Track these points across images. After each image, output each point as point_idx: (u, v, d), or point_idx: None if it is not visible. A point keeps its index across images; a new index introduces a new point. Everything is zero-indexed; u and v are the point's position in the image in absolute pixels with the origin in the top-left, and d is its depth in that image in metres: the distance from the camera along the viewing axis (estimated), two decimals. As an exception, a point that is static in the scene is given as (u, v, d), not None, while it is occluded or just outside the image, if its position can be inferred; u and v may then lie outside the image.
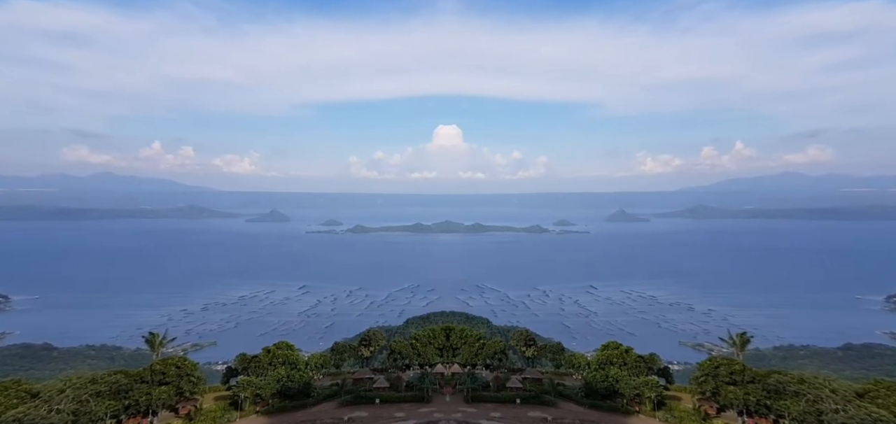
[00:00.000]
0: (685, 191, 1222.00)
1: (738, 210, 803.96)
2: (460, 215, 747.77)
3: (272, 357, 68.53)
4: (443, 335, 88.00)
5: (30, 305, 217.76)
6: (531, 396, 64.03)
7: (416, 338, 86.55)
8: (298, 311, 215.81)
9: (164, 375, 58.61)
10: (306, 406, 62.71)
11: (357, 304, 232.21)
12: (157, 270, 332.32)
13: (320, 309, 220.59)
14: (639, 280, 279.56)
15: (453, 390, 68.81)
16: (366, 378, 72.79)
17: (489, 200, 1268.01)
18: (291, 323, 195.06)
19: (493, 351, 78.37)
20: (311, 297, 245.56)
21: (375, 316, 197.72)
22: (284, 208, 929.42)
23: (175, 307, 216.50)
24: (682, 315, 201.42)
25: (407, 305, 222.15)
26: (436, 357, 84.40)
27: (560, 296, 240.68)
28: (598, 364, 66.24)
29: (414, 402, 63.95)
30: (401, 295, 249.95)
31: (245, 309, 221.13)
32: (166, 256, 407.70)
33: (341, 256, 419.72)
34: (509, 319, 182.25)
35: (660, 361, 68.13)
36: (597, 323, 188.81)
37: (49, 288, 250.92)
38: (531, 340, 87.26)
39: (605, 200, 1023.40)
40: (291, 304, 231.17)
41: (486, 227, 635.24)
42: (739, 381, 55.95)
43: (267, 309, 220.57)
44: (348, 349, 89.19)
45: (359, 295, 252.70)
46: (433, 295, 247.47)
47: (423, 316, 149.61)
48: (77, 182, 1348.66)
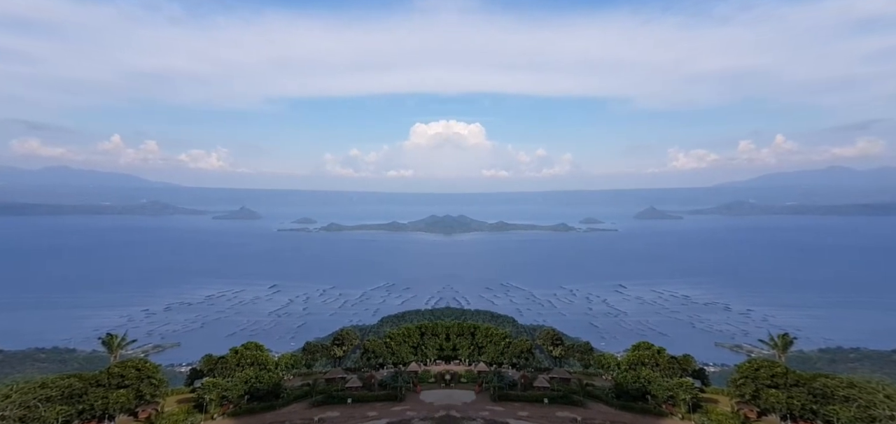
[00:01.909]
0: (721, 187, 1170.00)
1: (779, 206, 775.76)
2: (483, 213, 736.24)
3: (240, 358, 66.45)
4: (417, 333, 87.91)
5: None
6: (559, 396, 62.42)
7: (391, 337, 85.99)
8: (269, 311, 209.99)
9: (123, 378, 55.68)
10: (276, 408, 61.08)
11: (330, 303, 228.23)
12: (116, 269, 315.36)
13: (292, 309, 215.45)
14: (671, 279, 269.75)
15: (480, 388, 67.89)
16: (338, 377, 71.59)
17: (513, 198, 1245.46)
18: (261, 322, 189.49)
19: (520, 349, 78.17)
20: (282, 296, 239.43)
21: (349, 316, 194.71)
22: (255, 205, 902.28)
23: (136, 307, 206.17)
24: (719, 315, 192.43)
25: (382, 304, 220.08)
26: (410, 356, 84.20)
27: (587, 295, 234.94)
28: (628, 364, 64.21)
29: (387, 401, 63.39)
30: (376, 294, 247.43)
31: (212, 308, 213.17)
32: (127, 254, 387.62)
33: (314, 255, 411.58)
34: (535, 318, 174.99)
35: (694, 362, 65.96)
36: (626, 323, 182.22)
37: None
38: (558, 339, 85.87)
39: (634, 197, 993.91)
40: (261, 304, 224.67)
41: (510, 225, 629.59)
42: (782, 384, 53.04)
43: (235, 309, 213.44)
44: (320, 348, 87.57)
45: (332, 294, 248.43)
46: (409, 293, 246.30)
47: (399, 314, 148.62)
48: (26, 176, 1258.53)
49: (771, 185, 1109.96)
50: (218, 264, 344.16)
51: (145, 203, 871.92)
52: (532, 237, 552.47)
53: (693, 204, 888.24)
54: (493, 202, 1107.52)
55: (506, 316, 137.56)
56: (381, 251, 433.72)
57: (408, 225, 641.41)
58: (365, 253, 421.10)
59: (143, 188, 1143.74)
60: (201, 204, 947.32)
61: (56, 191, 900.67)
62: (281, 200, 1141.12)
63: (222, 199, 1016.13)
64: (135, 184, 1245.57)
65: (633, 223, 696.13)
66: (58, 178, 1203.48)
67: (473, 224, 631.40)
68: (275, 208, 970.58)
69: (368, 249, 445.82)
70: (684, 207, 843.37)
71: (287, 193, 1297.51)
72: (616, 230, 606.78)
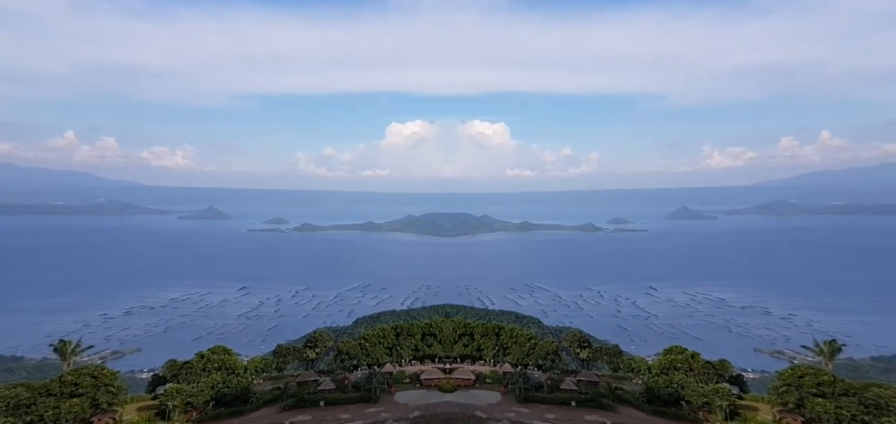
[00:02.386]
0: (760, 186, 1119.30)
1: (824, 205, 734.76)
2: (507, 213, 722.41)
3: (206, 363, 64.05)
4: (393, 334, 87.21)
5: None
6: (587, 399, 61.28)
7: (365, 338, 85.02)
8: (238, 313, 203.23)
9: (77, 386, 52.53)
10: (244, 413, 59.14)
11: (303, 305, 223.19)
12: (70, 272, 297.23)
13: (262, 311, 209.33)
14: (705, 281, 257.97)
15: (505, 389, 67.10)
16: (310, 380, 70.09)
17: (538, 198, 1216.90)
18: (230, 326, 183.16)
19: (546, 351, 77.36)
20: (252, 298, 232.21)
21: (323, 317, 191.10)
22: (223, 205, 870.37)
23: (92, 312, 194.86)
24: (758, 319, 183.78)
25: (357, 305, 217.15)
26: (385, 357, 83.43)
27: (616, 297, 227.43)
28: (660, 368, 62.37)
29: (361, 403, 62.57)
30: (350, 295, 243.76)
31: (176, 312, 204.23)
32: (83, 256, 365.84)
33: (286, 255, 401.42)
34: (561, 320, 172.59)
35: (732, 368, 63.74)
36: (657, 326, 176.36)
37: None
38: (585, 342, 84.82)
39: (665, 197, 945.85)
40: (230, 306, 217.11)
41: (535, 225, 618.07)
42: (830, 394, 50.20)
43: (202, 312, 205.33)
44: (292, 351, 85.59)
45: (305, 295, 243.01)
46: (385, 294, 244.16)
47: (374, 315, 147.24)
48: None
49: (815, 184, 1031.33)
50: (184, 266, 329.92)
51: (103, 202, 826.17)
52: (557, 237, 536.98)
53: (729, 203, 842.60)
54: (517, 202, 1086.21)
55: (531, 317, 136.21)
56: (356, 251, 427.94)
57: (384, 225, 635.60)
58: (339, 253, 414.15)
59: (101, 187, 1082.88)
60: (166, 203, 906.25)
61: (1, 189, 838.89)
62: (251, 200, 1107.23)
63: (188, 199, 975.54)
64: (91, 182, 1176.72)
65: (664, 223, 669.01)
66: (3, 176, 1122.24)
67: (497, 224, 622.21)
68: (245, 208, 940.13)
69: (343, 250, 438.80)
70: (719, 207, 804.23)
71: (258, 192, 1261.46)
72: (646, 230, 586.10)
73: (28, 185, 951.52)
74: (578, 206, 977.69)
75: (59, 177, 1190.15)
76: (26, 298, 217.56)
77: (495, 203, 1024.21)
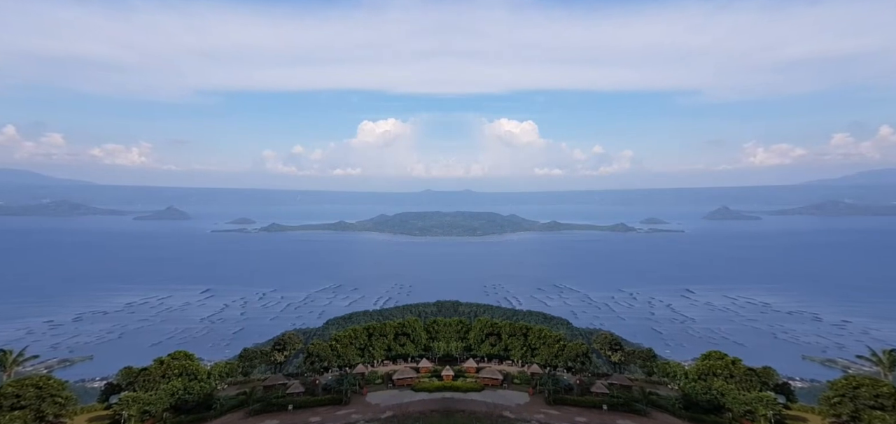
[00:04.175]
0: (809, 185, 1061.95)
1: (884, 205, 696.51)
2: (535, 212, 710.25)
3: (166, 369, 60.98)
4: (365, 334, 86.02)
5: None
6: (619, 403, 59.80)
7: (337, 339, 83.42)
8: (201, 317, 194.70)
9: (19, 398, 48.74)
10: (207, 419, 56.79)
11: (271, 307, 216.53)
12: (11, 276, 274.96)
13: (227, 314, 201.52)
14: (747, 284, 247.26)
15: (534, 390, 66.13)
16: (278, 384, 68.12)
17: (567, 197, 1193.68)
18: (192, 330, 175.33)
19: (575, 353, 75.66)
20: (216, 301, 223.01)
21: (292, 319, 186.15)
22: (184, 205, 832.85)
23: (37, 319, 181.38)
24: (806, 325, 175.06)
25: (328, 306, 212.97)
26: (357, 358, 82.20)
27: (649, 300, 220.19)
28: (697, 374, 59.58)
29: (331, 405, 61.43)
30: (321, 296, 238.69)
31: (133, 317, 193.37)
32: (26, 260, 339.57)
33: (253, 257, 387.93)
34: (591, 322, 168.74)
35: (777, 376, 61.13)
36: (694, 330, 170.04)
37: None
38: (617, 344, 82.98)
39: (704, 196, 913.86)
40: (192, 310, 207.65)
41: (564, 225, 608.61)
42: (889, 406, 47.33)
43: (161, 317, 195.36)
44: (259, 354, 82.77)
45: (273, 297, 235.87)
46: (357, 294, 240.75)
47: (346, 315, 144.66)
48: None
49: (874, 183, 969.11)
50: (141, 268, 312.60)
51: (49, 202, 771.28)
52: (587, 237, 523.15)
53: (774, 203, 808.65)
54: (545, 201, 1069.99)
55: (559, 318, 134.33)
56: (327, 252, 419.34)
57: (356, 224, 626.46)
58: (309, 254, 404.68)
59: (47, 186, 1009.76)
60: (121, 203, 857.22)
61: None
62: (215, 199, 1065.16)
63: (146, 198, 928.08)
64: (35, 181, 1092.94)
65: (703, 224, 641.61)
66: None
67: (525, 223, 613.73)
68: (208, 208, 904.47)
69: (313, 250, 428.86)
70: (763, 207, 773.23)
71: (222, 192, 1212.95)
72: (682, 231, 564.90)
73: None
74: (610, 206, 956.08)
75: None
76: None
77: (523, 202, 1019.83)
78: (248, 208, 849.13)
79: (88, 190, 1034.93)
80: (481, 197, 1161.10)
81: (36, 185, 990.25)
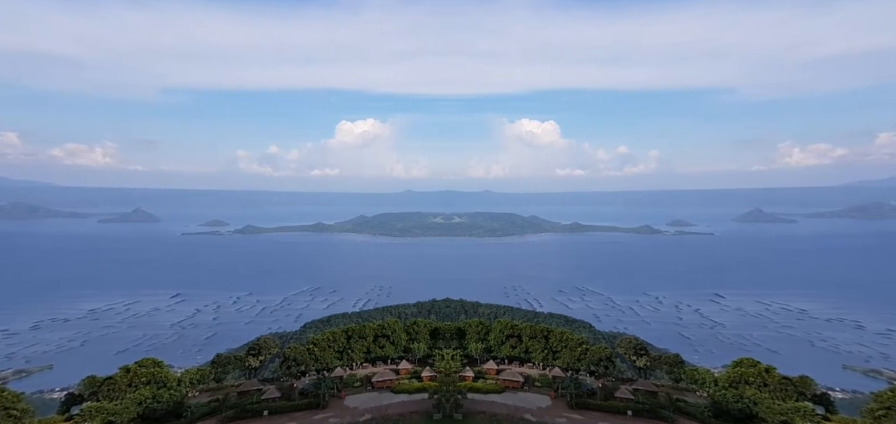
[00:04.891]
0: (850, 187, 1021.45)
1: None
2: (556, 214, 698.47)
3: (133, 377, 58.47)
4: (343, 337, 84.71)
5: None
6: (645, 409, 57.65)
7: (314, 343, 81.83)
8: (171, 323, 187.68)
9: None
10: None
11: (245, 311, 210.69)
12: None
13: (199, 319, 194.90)
14: (782, 289, 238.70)
15: (555, 394, 64.58)
16: (253, 389, 66.27)
17: (590, 198, 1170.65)
18: (161, 336, 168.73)
19: (598, 357, 74.19)
20: (187, 306, 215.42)
21: (268, 323, 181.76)
22: (153, 207, 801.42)
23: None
24: (848, 334, 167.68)
25: (305, 309, 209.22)
26: (335, 361, 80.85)
27: (676, 304, 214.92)
28: (728, 381, 57.55)
29: (308, 409, 60.19)
30: (298, 299, 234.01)
31: (96, 324, 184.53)
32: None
33: (227, 260, 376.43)
34: (615, 325, 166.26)
35: (815, 385, 58.82)
36: (725, 336, 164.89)
37: None
38: (642, 349, 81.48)
39: (735, 198, 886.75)
40: (161, 315, 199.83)
41: (586, 227, 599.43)
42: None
43: (128, 323, 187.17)
44: (233, 360, 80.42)
45: (248, 301, 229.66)
46: (336, 296, 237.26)
47: (324, 318, 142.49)
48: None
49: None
50: (105, 273, 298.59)
51: (4, 204, 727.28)
52: (611, 239, 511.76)
53: (811, 205, 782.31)
54: (567, 202, 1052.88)
55: (582, 321, 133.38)
56: (304, 253, 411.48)
57: (334, 225, 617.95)
58: (286, 256, 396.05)
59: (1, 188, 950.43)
60: (83, 205, 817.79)
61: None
62: (185, 201, 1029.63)
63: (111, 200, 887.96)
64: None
65: (734, 226, 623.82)
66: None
67: (546, 224, 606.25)
68: (178, 209, 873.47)
69: (290, 252, 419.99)
70: (799, 209, 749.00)
71: (193, 193, 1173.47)
72: (712, 233, 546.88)
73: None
74: (635, 207, 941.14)
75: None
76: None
77: (544, 203, 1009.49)
78: (221, 210, 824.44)
79: (47, 191, 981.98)
80: (501, 197, 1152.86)
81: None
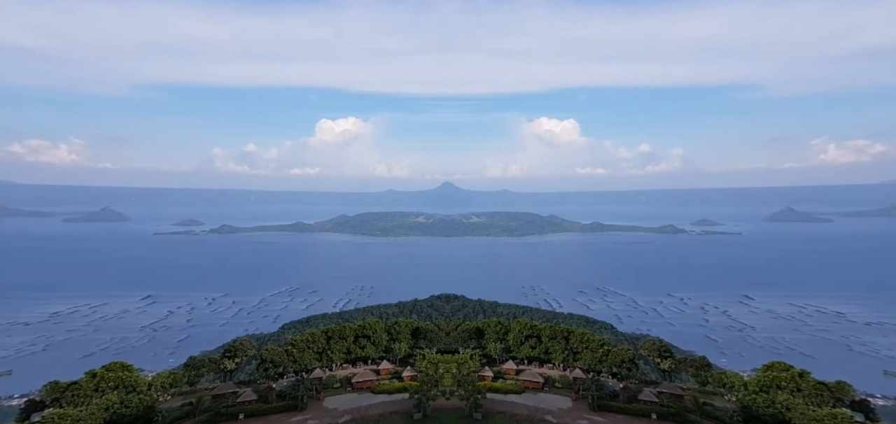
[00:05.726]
0: (891, 185, 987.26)
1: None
2: (576, 213, 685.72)
3: (99, 382, 56.02)
4: (323, 338, 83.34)
5: None
6: (670, 412, 56.14)
7: (293, 344, 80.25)
8: (141, 325, 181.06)
9: (-85, 422, 42.61)
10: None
11: (221, 313, 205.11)
12: None
13: (172, 321, 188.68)
14: (816, 291, 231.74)
15: (576, 395, 63.41)
16: (228, 392, 64.40)
17: (611, 198, 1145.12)
18: (131, 339, 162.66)
19: (621, 358, 73.14)
20: (159, 308, 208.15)
21: (244, 325, 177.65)
22: (123, 205, 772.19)
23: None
24: (889, 338, 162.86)
25: (283, 310, 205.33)
26: (314, 362, 79.46)
27: (702, 305, 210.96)
28: (759, 386, 56.21)
29: (286, 412, 58.95)
30: (276, 300, 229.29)
31: (60, 327, 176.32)
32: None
33: (202, 260, 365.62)
34: (638, 327, 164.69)
35: (853, 391, 56.73)
36: (754, 339, 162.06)
37: None
38: (667, 351, 79.83)
39: (764, 196, 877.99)
40: (131, 318, 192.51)
41: (607, 226, 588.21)
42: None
43: (95, 326, 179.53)
44: (207, 363, 78.00)
45: (224, 302, 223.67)
46: (315, 297, 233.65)
47: (303, 319, 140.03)
48: None
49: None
50: (70, 275, 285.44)
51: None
52: (633, 239, 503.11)
53: (848, 204, 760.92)
54: (588, 201, 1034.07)
55: (603, 322, 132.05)
56: (283, 254, 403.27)
57: (315, 225, 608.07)
58: (264, 256, 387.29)
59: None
60: (47, 204, 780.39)
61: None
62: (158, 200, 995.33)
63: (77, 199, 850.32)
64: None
65: (764, 226, 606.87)
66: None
67: (565, 224, 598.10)
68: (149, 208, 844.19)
69: (269, 252, 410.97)
70: (835, 208, 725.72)
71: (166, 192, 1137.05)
72: (740, 233, 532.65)
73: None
74: (657, 206, 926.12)
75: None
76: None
77: (563, 202, 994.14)
78: (196, 209, 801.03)
79: (7, 189, 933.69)
80: (519, 197, 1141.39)
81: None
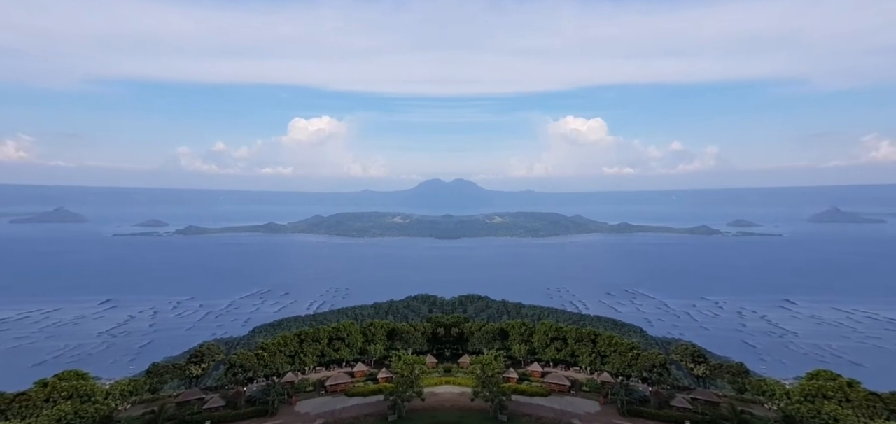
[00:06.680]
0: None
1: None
2: (603, 213, 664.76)
3: (51, 391, 52.73)
4: (296, 340, 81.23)
5: None
6: (705, 420, 54.22)
7: (264, 348, 77.98)
8: (99, 331, 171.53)
9: None
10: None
11: (186, 317, 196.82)
12: None
13: (133, 327, 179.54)
14: (867, 296, 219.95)
15: (604, 399, 61.80)
16: (194, 399, 61.85)
17: (640, 197, 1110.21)
18: (87, 346, 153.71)
19: (651, 363, 71.45)
20: (119, 313, 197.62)
21: (212, 329, 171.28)
22: (79, 206, 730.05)
23: None
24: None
25: (254, 313, 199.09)
26: (286, 366, 77.41)
27: (739, 310, 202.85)
28: (802, 394, 53.58)
29: (256, 417, 57.21)
30: (246, 303, 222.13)
31: (6, 335, 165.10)
32: None
33: (166, 262, 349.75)
34: (669, 331, 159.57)
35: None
36: (797, 346, 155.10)
37: None
38: (700, 356, 77.40)
39: (807, 196, 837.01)
40: (87, 323, 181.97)
41: (635, 227, 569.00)
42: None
43: (47, 333, 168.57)
44: (171, 369, 74.76)
45: (190, 305, 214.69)
46: (288, 299, 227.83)
47: (275, 322, 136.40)
48: None
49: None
50: (18, 279, 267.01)
51: None
52: (663, 240, 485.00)
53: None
54: (615, 201, 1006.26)
55: (632, 326, 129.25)
56: (254, 255, 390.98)
57: (288, 226, 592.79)
58: (233, 258, 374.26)
59: None
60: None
61: None
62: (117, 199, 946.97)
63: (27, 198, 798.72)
64: None
65: (807, 227, 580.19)
66: None
67: (591, 224, 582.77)
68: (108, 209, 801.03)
69: (238, 254, 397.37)
70: (888, 208, 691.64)
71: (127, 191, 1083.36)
72: (780, 235, 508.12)
73: None
74: (689, 207, 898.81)
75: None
76: None
77: (589, 202, 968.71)
78: (160, 209, 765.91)
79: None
80: (543, 197, 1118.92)
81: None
